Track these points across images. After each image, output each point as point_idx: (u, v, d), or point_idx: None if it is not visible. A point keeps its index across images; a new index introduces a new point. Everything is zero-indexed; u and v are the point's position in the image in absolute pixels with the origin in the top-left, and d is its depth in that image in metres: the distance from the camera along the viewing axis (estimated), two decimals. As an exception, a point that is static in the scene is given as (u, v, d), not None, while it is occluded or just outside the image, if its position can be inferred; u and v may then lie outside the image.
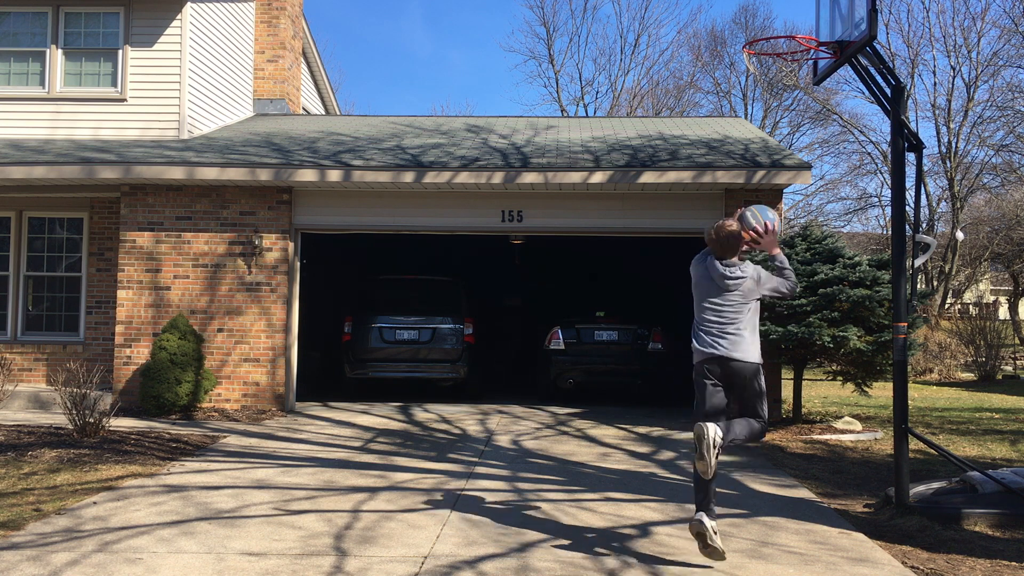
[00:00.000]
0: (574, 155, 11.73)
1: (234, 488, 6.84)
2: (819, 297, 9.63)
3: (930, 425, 11.10)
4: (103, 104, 12.64)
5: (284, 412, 11.36)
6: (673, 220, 11.62)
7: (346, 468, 7.72)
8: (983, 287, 40.87)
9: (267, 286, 11.51)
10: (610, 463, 8.20)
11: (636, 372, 12.73)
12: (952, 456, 6.95)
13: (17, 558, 4.97)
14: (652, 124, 15.33)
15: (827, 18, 6.92)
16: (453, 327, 12.86)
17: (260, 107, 15.85)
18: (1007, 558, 5.27)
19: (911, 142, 6.68)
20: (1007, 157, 31.98)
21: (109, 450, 8.25)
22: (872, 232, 36.74)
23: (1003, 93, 31.85)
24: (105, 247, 12.35)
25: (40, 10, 12.63)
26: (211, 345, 11.40)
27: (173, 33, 12.60)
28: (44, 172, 11.20)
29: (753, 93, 38.27)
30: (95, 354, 12.10)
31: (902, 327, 6.46)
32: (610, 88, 41.29)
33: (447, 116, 21.41)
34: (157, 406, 10.54)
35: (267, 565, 4.92)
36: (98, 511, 6.06)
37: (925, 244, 7.05)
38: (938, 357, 19.15)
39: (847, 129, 35.83)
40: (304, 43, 17.55)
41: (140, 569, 4.83)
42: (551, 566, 4.96)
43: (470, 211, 11.72)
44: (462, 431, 10.09)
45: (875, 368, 10.13)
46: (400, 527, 5.74)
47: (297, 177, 11.19)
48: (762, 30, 38.74)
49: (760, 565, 5.06)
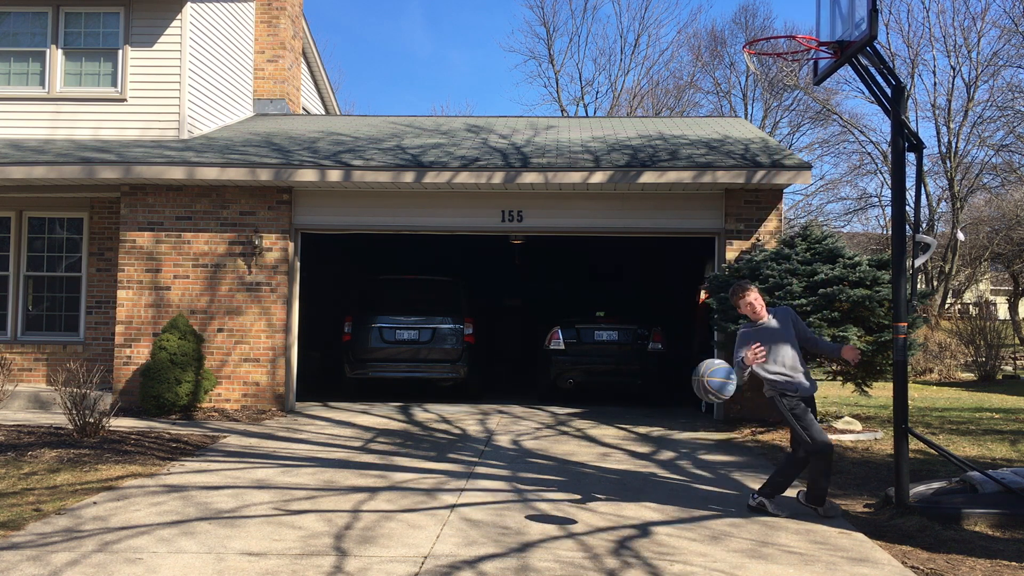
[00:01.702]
0: (574, 155, 11.73)
1: (234, 488, 6.84)
2: (819, 297, 9.63)
3: (930, 425, 11.10)
4: (103, 104, 12.64)
5: (284, 412, 11.36)
6: (673, 220, 11.62)
7: (346, 468, 7.72)
8: (983, 287, 40.84)
9: (267, 286, 11.51)
10: (610, 463, 8.20)
11: (636, 372, 12.73)
12: (952, 456, 6.95)
13: (17, 558, 4.97)
14: (652, 124, 15.33)
15: (827, 18, 6.92)
16: (453, 327, 12.86)
17: (260, 107, 15.85)
18: (1007, 558, 5.27)
19: (911, 142, 6.68)
20: (1007, 157, 32.00)
21: (109, 450, 8.26)
22: (872, 232, 36.75)
23: (1003, 93, 31.89)
24: (105, 247, 12.35)
25: (40, 10, 12.63)
26: (211, 345, 11.40)
27: (173, 33, 12.60)
28: (44, 172, 11.21)
29: (753, 93, 38.31)
30: (95, 354, 12.10)
31: (902, 327, 6.46)
32: (610, 88, 41.33)
33: (447, 116, 21.42)
34: (157, 406, 10.54)
35: (267, 565, 4.92)
36: (98, 511, 6.06)
37: (925, 244, 7.05)
38: (938, 357, 19.14)
39: (847, 129, 35.87)
40: (304, 43, 17.55)
41: (140, 569, 4.83)
42: (551, 566, 4.96)
43: (470, 211, 11.72)
44: (462, 431, 10.09)
45: (875, 368, 10.13)
46: (400, 527, 5.74)
47: (297, 177, 11.19)
48: (762, 30, 38.79)
49: (760, 565, 5.06)
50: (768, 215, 11.29)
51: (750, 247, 11.17)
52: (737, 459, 8.49)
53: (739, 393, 11.03)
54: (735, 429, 10.33)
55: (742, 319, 9.90)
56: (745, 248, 11.20)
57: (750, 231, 11.29)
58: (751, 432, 10.09)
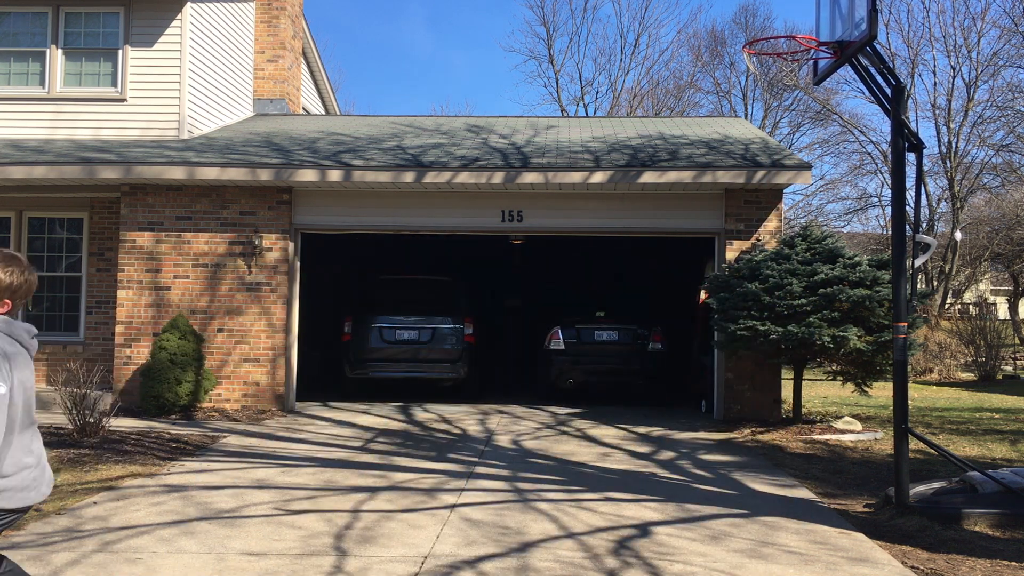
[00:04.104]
0: (574, 155, 11.73)
1: (234, 488, 6.84)
2: (819, 297, 9.63)
3: (930, 425, 11.10)
4: (103, 104, 12.64)
5: (284, 412, 11.36)
6: (673, 220, 11.62)
7: (346, 468, 7.72)
8: (983, 287, 40.83)
9: (267, 286, 11.51)
10: (610, 463, 8.21)
11: (636, 372, 12.73)
12: (952, 456, 6.95)
13: (18, 558, 4.97)
14: (652, 124, 15.33)
15: (827, 18, 6.92)
16: (453, 327, 12.85)
17: (260, 107, 15.85)
18: (1007, 558, 5.27)
19: (911, 142, 6.68)
20: (1007, 157, 31.97)
21: (109, 450, 8.26)
22: (872, 232, 36.71)
23: (1003, 93, 31.86)
24: (105, 247, 12.35)
25: (40, 10, 12.63)
26: (211, 345, 11.40)
27: (173, 33, 12.60)
28: (44, 172, 11.20)
29: (753, 93, 38.29)
30: (95, 354, 12.10)
31: (902, 327, 6.46)
32: (610, 88, 41.26)
33: (447, 116, 21.42)
34: (157, 406, 10.54)
35: (267, 565, 4.92)
36: (98, 511, 6.06)
37: (925, 244, 7.05)
38: (938, 357, 19.14)
39: (847, 129, 35.85)
40: (304, 43, 17.54)
41: (140, 569, 4.83)
42: (551, 566, 4.96)
43: (470, 211, 11.71)
44: (462, 431, 10.09)
45: (875, 368, 10.13)
46: (400, 527, 5.74)
47: (297, 177, 11.19)
48: (762, 30, 38.75)
49: (760, 565, 5.06)
50: (768, 215, 11.29)
51: (750, 247, 11.17)
52: (737, 459, 8.49)
53: (739, 393, 11.13)
54: (735, 429, 10.33)
55: (742, 319, 9.91)
56: (745, 248, 11.20)
57: (750, 231, 11.29)
58: (751, 432, 10.09)
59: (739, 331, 9.83)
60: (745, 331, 9.80)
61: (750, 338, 9.88)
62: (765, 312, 9.82)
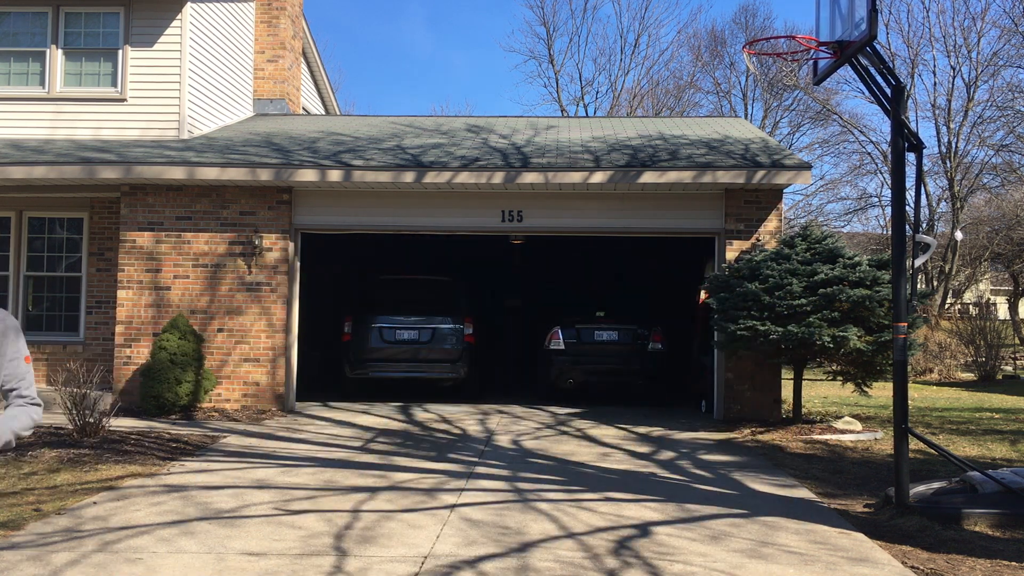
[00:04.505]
0: (574, 155, 11.73)
1: (234, 488, 6.84)
2: (819, 297, 9.63)
3: (930, 425, 11.10)
4: (103, 104, 12.64)
5: (284, 412, 11.36)
6: (673, 220, 11.62)
7: (346, 468, 7.72)
8: (983, 287, 40.84)
9: (267, 286, 11.51)
10: (610, 463, 8.20)
11: (636, 372, 12.73)
12: (952, 456, 6.95)
13: (17, 558, 4.97)
14: (652, 124, 15.33)
15: (827, 18, 6.92)
16: (453, 327, 12.85)
17: (260, 107, 15.85)
18: (1007, 558, 5.27)
19: (911, 142, 6.68)
20: (1007, 157, 31.97)
21: (109, 450, 8.26)
22: (872, 232, 36.70)
23: (1003, 93, 31.85)
24: (105, 247, 12.35)
25: (40, 10, 12.63)
26: (211, 345, 11.40)
27: (173, 33, 12.60)
28: (44, 172, 11.20)
29: (753, 93, 38.29)
30: (95, 354, 12.10)
31: (902, 327, 6.46)
32: (610, 88, 41.25)
33: (447, 116, 21.42)
34: (157, 406, 10.54)
35: (267, 565, 4.92)
36: (98, 511, 6.06)
37: (925, 244, 7.05)
38: (938, 357, 19.14)
39: (847, 129, 35.84)
40: (304, 43, 17.55)
41: (140, 569, 4.83)
42: (551, 566, 4.96)
43: (470, 211, 11.71)
44: (462, 431, 10.09)
45: (875, 368, 10.13)
46: (400, 527, 5.74)
47: (297, 177, 11.19)
48: (762, 30, 38.75)
49: (760, 565, 5.06)
50: (768, 215, 11.30)
51: (750, 247, 11.17)
52: (737, 459, 8.49)
53: (739, 393, 11.13)
54: (735, 429, 10.33)
55: (742, 319, 9.91)
56: (745, 248, 11.20)
57: (750, 231, 11.29)
58: (751, 432, 10.09)
59: (739, 331, 9.83)
60: (745, 331, 9.80)
61: (750, 338, 9.89)
62: (765, 312, 9.82)
